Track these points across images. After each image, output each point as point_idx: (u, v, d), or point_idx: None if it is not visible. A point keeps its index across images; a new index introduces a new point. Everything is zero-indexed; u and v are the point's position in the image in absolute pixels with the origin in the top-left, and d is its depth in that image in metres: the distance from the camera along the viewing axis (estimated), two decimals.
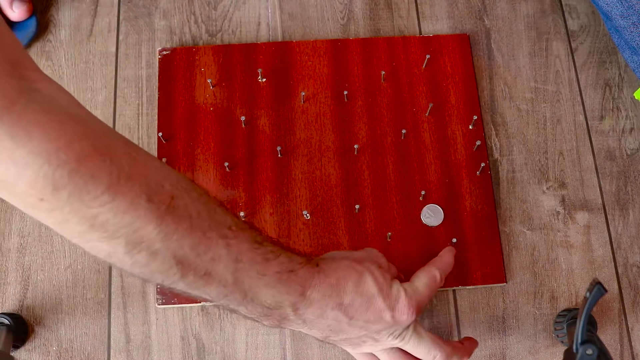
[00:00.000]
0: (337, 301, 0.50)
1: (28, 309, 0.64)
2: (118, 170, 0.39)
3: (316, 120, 0.70)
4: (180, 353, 0.63)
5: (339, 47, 0.73)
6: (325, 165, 0.68)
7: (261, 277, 0.46)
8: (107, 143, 0.40)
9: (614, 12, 0.69)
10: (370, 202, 0.67)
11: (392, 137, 0.70)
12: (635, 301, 0.66)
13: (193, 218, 0.43)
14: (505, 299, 0.66)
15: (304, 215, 0.66)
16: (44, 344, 0.63)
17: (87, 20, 0.75)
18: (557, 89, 0.74)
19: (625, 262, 0.67)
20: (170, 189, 0.42)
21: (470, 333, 0.64)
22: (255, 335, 0.64)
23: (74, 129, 0.39)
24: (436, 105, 0.71)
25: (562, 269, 0.67)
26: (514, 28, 0.76)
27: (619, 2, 0.68)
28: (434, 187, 0.68)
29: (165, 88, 0.71)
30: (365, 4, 0.77)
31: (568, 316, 0.62)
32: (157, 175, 0.42)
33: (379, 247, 0.65)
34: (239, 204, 0.66)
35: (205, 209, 0.44)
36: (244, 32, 0.75)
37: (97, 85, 0.72)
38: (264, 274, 0.46)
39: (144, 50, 0.74)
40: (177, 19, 0.75)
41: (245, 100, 0.71)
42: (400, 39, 0.74)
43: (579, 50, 0.76)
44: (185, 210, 0.42)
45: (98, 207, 0.39)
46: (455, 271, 0.65)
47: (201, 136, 0.69)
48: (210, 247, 0.43)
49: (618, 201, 0.69)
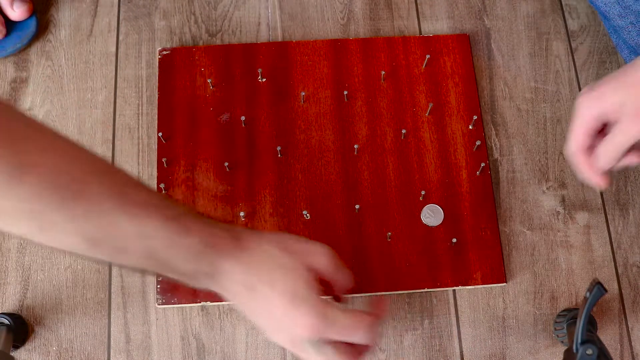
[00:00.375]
0: (248, 282, 0.49)
1: (28, 309, 0.64)
2: (22, 159, 0.41)
3: (316, 120, 0.70)
4: (180, 353, 0.63)
5: (338, 47, 0.73)
6: (325, 165, 0.68)
7: (176, 251, 0.47)
8: (10, 133, 0.42)
9: (612, 12, 0.69)
10: (370, 202, 0.67)
11: (392, 137, 0.70)
12: (635, 301, 0.66)
13: (102, 201, 0.44)
14: (505, 299, 0.66)
15: (304, 215, 0.66)
16: (44, 344, 0.63)
17: (87, 20, 0.75)
18: (557, 89, 0.74)
19: (625, 262, 0.67)
20: (78, 174, 0.44)
21: (470, 333, 0.64)
22: (255, 335, 0.64)
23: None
24: (436, 105, 0.71)
25: (562, 269, 0.67)
26: (514, 28, 0.76)
27: (616, 3, 0.68)
28: (434, 187, 0.68)
29: (165, 88, 0.71)
30: (365, 4, 0.77)
31: (568, 316, 0.62)
32: (63, 161, 0.44)
33: (379, 247, 0.65)
34: (238, 204, 0.66)
35: (116, 190, 0.45)
36: (244, 32, 0.75)
37: (97, 85, 0.72)
38: (178, 248, 0.47)
39: (144, 50, 0.74)
40: (177, 19, 0.75)
41: (245, 100, 0.71)
42: (400, 39, 0.74)
43: (579, 50, 0.76)
44: (93, 193, 0.44)
45: (3, 198, 0.41)
46: (456, 271, 0.65)
47: (201, 136, 0.69)
48: (119, 226, 0.45)
49: (618, 201, 0.69)
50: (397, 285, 0.64)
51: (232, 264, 0.49)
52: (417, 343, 0.64)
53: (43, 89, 0.72)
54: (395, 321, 0.64)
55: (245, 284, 0.49)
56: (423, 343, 0.64)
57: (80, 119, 0.71)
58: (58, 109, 0.71)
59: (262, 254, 0.51)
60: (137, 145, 0.70)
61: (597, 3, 0.70)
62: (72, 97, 0.71)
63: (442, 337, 0.64)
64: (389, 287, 0.64)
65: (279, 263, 0.50)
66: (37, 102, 0.71)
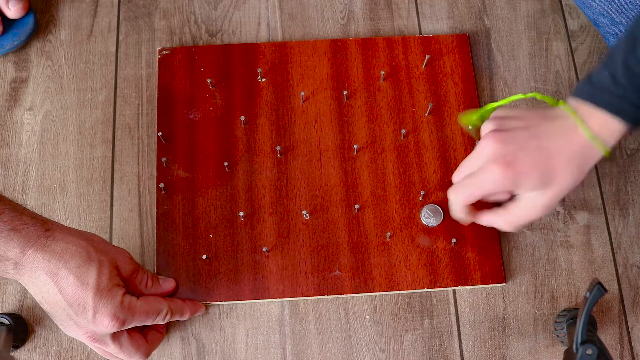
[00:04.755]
0: (53, 269, 0.51)
1: (28, 309, 0.64)
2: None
3: (316, 120, 0.70)
4: (180, 353, 0.63)
5: (338, 47, 0.73)
6: (324, 165, 0.68)
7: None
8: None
9: (601, 21, 0.70)
10: (370, 202, 0.67)
11: (392, 137, 0.70)
12: (635, 301, 0.66)
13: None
14: (505, 299, 0.66)
15: (304, 215, 0.66)
16: (44, 344, 0.63)
17: (87, 20, 0.75)
18: (557, 89, 0.74)
19: (625, 262, 0.67)
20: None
21: (470, 333, 0.64)
22: (255, 335, 0.64)
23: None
24: (436, 105, 0.71)
25: (562, 269, 0.67)
26: (514, 28, 0.76)
27: (602, 15, 0.69)
28: (434, 187, 0.68)
29: (165, 88, 0.71)
30: (365, 4, 0.77)
31: (568, 316, 0.62)
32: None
33: (378, 247, 0.65)
34: (238, 204, 0.66)
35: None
36: (244, 32, 0.75)
37: (97, 85, 0.72)
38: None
39: (144, 50, 0.74)
40: (177, 19, 0.75)
41: (245, 100, 0.71)
42: (400, 39, 0.74)
43: (579, 50, 0.75)
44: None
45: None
46: (455, 271, 0.65)
47: (201, 136, 0.69)
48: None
49: (618, 201, 0.69)
50: (397, 285, 0.64)
51: (36, 251, 0.50)
52: (417, 343, 0.64)
53: (43, 89, 0.72)
54: (395, 321, 0.64)
55: (48, 269, 0.51)
56: (423, 343, 0.64)
57: (80, 119, 0.71)
58: (58, 109, 0.71)
59: (70, 245, 0.52)
60: (137, 145, 0.70)
61: (586, 12, 0.72)
62: (72, 97, 0.72)
63: (442, 337, 0.64)
64: (389, 287, 0.64)
65: (86, 254, 0.52)
66: (37, 102, 0.71)
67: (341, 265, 0.65)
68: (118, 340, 0.55)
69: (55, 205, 0.67)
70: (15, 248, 0.49)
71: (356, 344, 0.64)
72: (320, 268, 0.65)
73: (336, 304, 0.65)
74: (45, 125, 0.70)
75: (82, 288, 0.51)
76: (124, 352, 0.56)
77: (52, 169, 0.69)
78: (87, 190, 0.68)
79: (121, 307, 0.53)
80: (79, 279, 0.51)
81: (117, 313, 0.52)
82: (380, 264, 0.65)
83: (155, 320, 0.57)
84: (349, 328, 0.64)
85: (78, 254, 0.52)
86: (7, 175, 0.68)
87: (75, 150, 0.69)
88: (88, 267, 0.52)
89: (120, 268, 0.55)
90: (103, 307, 0.52)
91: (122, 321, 0.53)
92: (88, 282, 0.52)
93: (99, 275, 0.52)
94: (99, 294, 0.52)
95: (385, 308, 0.65)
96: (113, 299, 0.53)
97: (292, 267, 0.65)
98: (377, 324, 0.64)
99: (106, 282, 0.53)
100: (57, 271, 0.51)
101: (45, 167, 0.69)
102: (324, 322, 0.64)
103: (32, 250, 0.50)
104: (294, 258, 0.65)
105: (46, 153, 0.69)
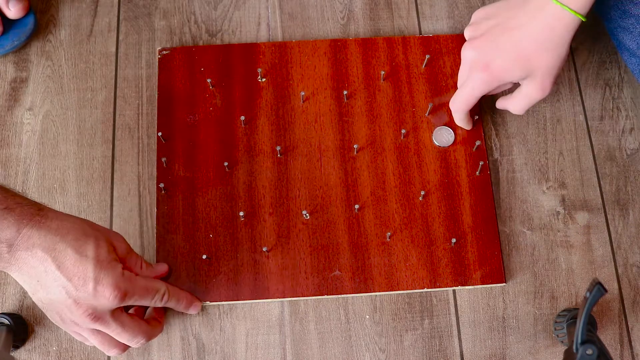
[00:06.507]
0: (50, 244, 0.50)
1: (28, 309, 0.64)
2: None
3: (316, 120, 0.70)
4: (180, 353, 0.63)
5: (338, 47, 0.73)
6: (324, 165, 0.68)
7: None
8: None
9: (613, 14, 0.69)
10: (369, 202, 0.67)
11: (392, 137, 0.70)
12: (635, 301, 0.66)
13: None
14: (505, 299, 0.66)
15: (304, 215, 0.66)
16: (44, 344, 0.63)
17: (87, 20, 0.75)
18: (557, 89, 0.74)
19: (625, 262, 0.67)
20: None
21: (470, 333, 0.64)
22: (255, 335, 0.64)
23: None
24: (436, 105, 0.71)
25: (562, 269, 0.67)
26: None
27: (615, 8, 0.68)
28: (434, 187, 0.68)
29: (165, 88, 0.71)
30: (365, 4, 0.77)
31: (568, 316, 0.62)
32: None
33: (378, 247, 0.65)
34: (238, 204, 0.66)
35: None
36: (244, 32, 0.75)
37: (97, 85, 0.72)
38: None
39: (144, 50, 0.74)
40: (177, 19, 0.75)
41: (245, 100, 0.71)
42: (400, 39, 0.74)
43: (579, 50, 0.75)
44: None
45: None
46: (455, 271, 0.65)
47: (201, 136, 0.69)
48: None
49: (618, 201, 0.69)
50: (397, 285, 0.64)
51: (31, 228, 0.50)
52: (417, 343, 0.64)
53: (43, 88, 0.72)
54: (395, 321, 0.64)
55: (45, 245, 0.50)
56: (423, 343, 0.64)
57: (80, 119, 0.71)
58: (58, 109, 0.71)
59: (64, 222, 0.52)
60: (137, 145, 0.70)
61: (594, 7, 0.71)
62: (72, 97, 0.72)
63: (442, 337, 0.64)
64: (389, 287, 0.64)
65: (82, 230, 0.52)
66: (37, 102, 0.71)
67: (341, 265, 0.65)
68: (119, 318, 0.54)
69: (55, 205, 0.67)
70: (10, 227, 0.49)
71: (356, 344, 0.64)
72: (320, 268, 0.65)
73: (336, 304, 0.65)
74: (45, 125, 0.70)
75: (82, 260, 0.51)
76: (126, 331, 0.55)
77: (52, 169, 0.69)
78: (87, 190, 0.68)
79: (122, 278, 0.52)
80: (78, 251, 0.51)
81: (118, 283, 0.52)
82: (380, 264, 0.65)
83: (154, 299, 0.57)
84: (349, 328, 0.64)
85: (74, 229, 0.52)
86: (7, 175, 0.68)
87: (75, 150, 0.69)
88: (86, 240, 0.52)
89: (116, 247, 0.55)
90: (104, 277, 0.51)
91: (124, 292, 0.52)
92: (87, 254, 0.51)
93: (97, 248, 0.52)
94: (99, 265, 0.51)
95: (385, 308, 0.65)
96: (114, 270, 0.52)
97: (292, 267, 0.65)
98: (377, 324, 0.64)
99: (105, 255, 0.52)
100: (55, 245, 0.50)
101: (45, 167, 0.69)
102: (324, 322, 0.64)
103: (27, 228, 0.49)
104: (294, 258, 0.65)
105: (46, 153, 0.69)
